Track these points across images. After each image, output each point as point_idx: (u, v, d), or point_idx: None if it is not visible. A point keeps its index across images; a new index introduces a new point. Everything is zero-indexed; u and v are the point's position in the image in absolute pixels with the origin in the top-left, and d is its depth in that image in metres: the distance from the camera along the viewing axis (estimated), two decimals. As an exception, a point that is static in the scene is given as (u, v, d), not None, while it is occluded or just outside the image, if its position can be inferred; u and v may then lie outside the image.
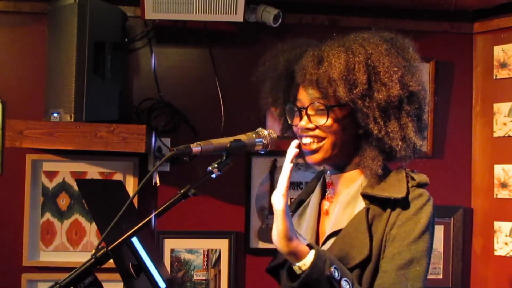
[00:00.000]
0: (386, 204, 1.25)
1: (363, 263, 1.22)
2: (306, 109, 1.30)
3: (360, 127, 1.28)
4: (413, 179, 1.29)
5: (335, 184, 1.36)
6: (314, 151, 1.31)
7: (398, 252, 1.19)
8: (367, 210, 1.25)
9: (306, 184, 2.47)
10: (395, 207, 1.25)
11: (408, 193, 1.25)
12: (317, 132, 1.30)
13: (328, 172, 1.38)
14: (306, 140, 1.32)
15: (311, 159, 1.32)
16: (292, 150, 1.17)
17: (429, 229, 1.22)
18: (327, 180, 1.39)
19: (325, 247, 1.29)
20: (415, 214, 1.22)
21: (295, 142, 1.19)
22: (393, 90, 1.24)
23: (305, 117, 1.31)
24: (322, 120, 1.28)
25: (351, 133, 1.30)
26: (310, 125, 1.30)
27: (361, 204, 1.28)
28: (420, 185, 1.28)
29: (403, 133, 1.26)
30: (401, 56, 1.29)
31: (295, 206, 1.49)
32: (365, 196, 1.28)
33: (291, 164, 1.17)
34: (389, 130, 1.26)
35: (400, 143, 1.26)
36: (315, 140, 1.30)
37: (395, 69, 1.25)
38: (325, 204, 1.38)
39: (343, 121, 1.29)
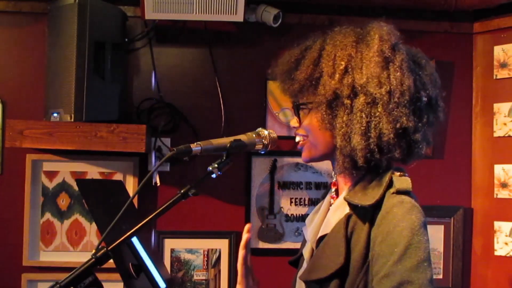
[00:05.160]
0: (365, 212, 1.17)
1: (339, 273, 1.15)
2: (293, 107, 1.33)
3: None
4: (394, 184, 1.17)
5: (338, 184, 1.35)
6: (302, 149, 1.33)
7: (386, 275, 1.08)
8: (348, 217, 1.19)
9: (306, 184, 2.48)
10: (374, 217, 1.15)
11: (380, 200, 1.15)
12: (301, 130, 1.32)
13: (334, 171, 1.37)
14: (296, 138, 1.34)
15: (302, 157, 1.34)
16: (244, 236, 1.23)
17: (414, 241, 1.08)
18: (333, 180, 1.39)
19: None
20: (395, 226, 1.10)
21: (247, 227, 1.26)
22: (331, 85, 1.18)
23: (294, 116, 1.33)
24: (298, 119, 1.31)
25: (328, 132, 1.24)
26: (296, 124, 1.32)
27: (347, 210, 1.22)
28: (400, 192, 1.16)
29: (346, 130, 1.18)
30: (362, 48, 1.20)
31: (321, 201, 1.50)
32: (347, 202, 1.22)
33: (243, 251, 1.23)
34: (336, 127, 1.19)
35: (339, 140, 1.18)
36: (301, 139, 1.32)
37: (341, 62, 1.19)
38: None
39: (313, 119, 1.26)
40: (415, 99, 1.19)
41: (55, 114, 2.11)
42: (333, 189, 1.37)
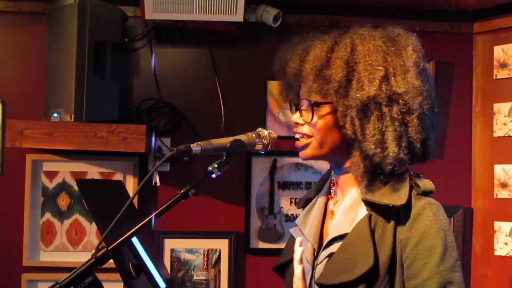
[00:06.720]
0: (389, 212, 1.18)
1: (368, 276, 1.15)
2: (298, 104, 1.30)
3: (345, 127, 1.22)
4: (417, 185, 1.21)
5: (339, 184, 1.33)
6: (304, 147, 1.30)
7: (429, 277, 1.12)
8: (369, 217, 1.20)
9: (306, 184, 2.48)
10: (400, 217, 1.17)
11: (409, 200, 1.17)
12: (306, 128, 1.28)
13: (333, 171, 1.35)
14: (297, 136, 1.32)
15: (301, 154, 1.31)
16: (298, 249, 1.21)
17: (448, 241, 1.15)
18: (332, 179, 1.37)
19: (328, 251, 1.25)
20: (430, 227, 1.14)
21: (299, 240, 1.25)
22: (370, 90, 1.17)
23: (297, 112, 1.31)
24: (309, 117, 1.26)
25: (341, 133, 1.24)
26: (300, 121, 1.29)
27: (363, 210, 1.23)
28: (425, 193, 1.20)
29: (380, 137, 1.17)
30: (394, 54, 1.21)
31: (303, 203, 1.46)
32: (366, 202, 1.22)
33: (301, 265, 1.20)
34: (366, 132, 1.18)
35: (373, 147, 1.17)
36: (304, 137, 1.29)
37: (380, 68, 1.18)
38: (330, 204, 1.36)
39: (330, 119, 1.24)
40: (432, 109, 1.24)
41: (55, 114, 2.11)
42: (332, 189, 1.37)
